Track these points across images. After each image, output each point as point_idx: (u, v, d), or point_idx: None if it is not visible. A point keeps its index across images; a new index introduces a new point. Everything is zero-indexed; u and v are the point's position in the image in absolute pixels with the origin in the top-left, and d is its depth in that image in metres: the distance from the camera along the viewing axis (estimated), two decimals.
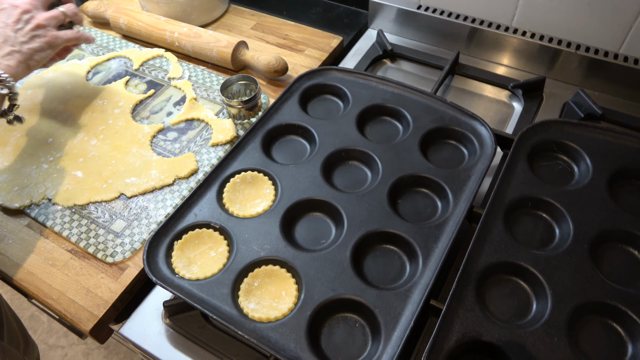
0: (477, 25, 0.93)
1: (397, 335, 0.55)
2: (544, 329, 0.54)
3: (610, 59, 0.84)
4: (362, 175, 0.73)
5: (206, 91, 0.91)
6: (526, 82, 0.87)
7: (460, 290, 0.57)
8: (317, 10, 1.10)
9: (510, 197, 0.66)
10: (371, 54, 0.96)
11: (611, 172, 0.67)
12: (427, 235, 0.63)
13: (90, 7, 1.05)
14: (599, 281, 0.58)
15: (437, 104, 0.78)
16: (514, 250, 0.61)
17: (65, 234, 0.71)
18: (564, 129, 0.72)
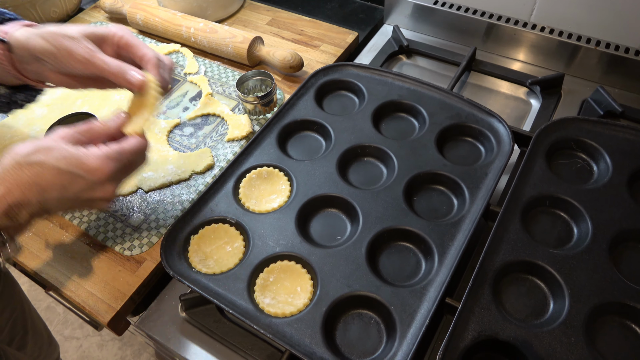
0: (494, 20, 0.92)
1: (413, 333, 0.55)
2: (561, 328, 0.54)
3: (631, 55, 0.83)
4: (377, 171, 0.72)
5: (222, 87, 0.91)
6: (544, 79, 0.85)
7: (477, 289, 0.57)
8: (332, 6, 1.10)
9: (528, 195, 0.65)
10: (387, 50, 0.96)
11: (631, 170, 0.66)
12: (443, 233, 0.63)
13: (108, 3, 1.06)
14: (618, 281, 0.57)
15: (454, 101, 0.77)
16: (531, 249, 0.60)
17: (83, 227, 0.72)
18: (583, 127, 0.71)
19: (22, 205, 0.49)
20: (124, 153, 0.53)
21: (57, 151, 0.50)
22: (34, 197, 0.49)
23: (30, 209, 0.50)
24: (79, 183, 0.50)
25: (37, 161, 0.49)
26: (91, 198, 0.52)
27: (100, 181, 0.51)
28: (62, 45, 0.55)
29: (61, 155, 0.50)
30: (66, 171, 0.50)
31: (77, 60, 0.56)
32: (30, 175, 0.49)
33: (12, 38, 0.57)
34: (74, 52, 0.55)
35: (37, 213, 0.51)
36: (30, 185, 0.49)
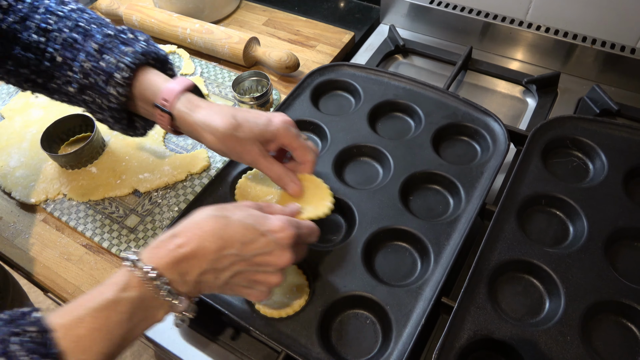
0: (490, 19, 0.92)
1: (408, 333, 0.55)
2: (557, 327, 0.54)
3: (627, 53, 0.83)
4: (373, 171, 0.72)
5: (218, 87, 0.91)
6: (540, 78, 0.85)
7: (472, 288, 0.57)
8: (328, 6, 1.10)
9: (524, 194, 0.65)
10: (383, 50, 0.96)
11: (627, 169, 0.66)
12: (439, 232, 0.63)
13: (104, 4, 1.06)
14: (613, 280, 0.57)
15: (450, 100, 0.77)
16: (527, 248, 0.60)
17: (80, 229, 0.73)
18: (579, 125, 0.71)
19: (196, 257, 0.46)
20: (302, 226, 0.53)
21: (244, 210, 0.51)
22: (211, 250, 0.47)
23: (202, 266, 0.46)
24: (259, 241, 0.49)
25: (224, 215, 0.49)
26: (266, 262, 0.49)
27: (280, 242, 0.49)
28: (232, 148, 0.58)
29: (247, 213, 0.50)
30: (251, 226, 0.49)
31: (243, 160, 0.60)
32: (214, 226, 0.47)
33: (174, 110, 0.59)
34: (242, 156, 0.59)
35: (206, 273, 0.47)
36: (210, 236, 0.47)
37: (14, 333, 0.38)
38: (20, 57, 0.61)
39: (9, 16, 0.60)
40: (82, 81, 0.60)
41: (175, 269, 0.46)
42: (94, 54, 0.59)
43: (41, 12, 0.61)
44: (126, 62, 0.58)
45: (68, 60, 0.60)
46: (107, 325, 0.42)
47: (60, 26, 0.61)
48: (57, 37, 0.60)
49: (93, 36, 0.60)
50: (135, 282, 0.44)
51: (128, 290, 0.44)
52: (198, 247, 0.46)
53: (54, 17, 0.61)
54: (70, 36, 0.60)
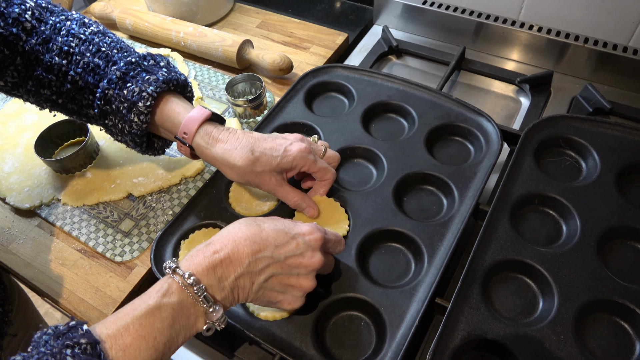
0: (483, 19, 0.92)
1: (402, 334, 0.55)
2: (550, 327, 0.54)
3: (620, 52, 0.83)
4: (367, 172, 0.73)
5: (212, 90, 0.91)
6: (533, 77, 0.86)
7: (466, 288, 0.57)
8: (322, 7, 1.10)
9: (517, 193, 0.65)
10: (377, 51, 0.96)
11: (620, 167, 0.66)
12: (433, 233, 0.63)
13: (97, 9, 1.06)
14: (606, 279, 0.57)
15: (443, 100, 0.77)
16: (520, 248, 0.60)
17: (74, 234, 0.72)
18: (571, 124, 0.71)
19: (232, 261, 0.48)
20: (329, 233, 0.56)
21: (274, 219, 0.54)
22: (246, 253, 0.49)
23: (238, 269, 0.48)
24: (291, 244, 0.51)
25: (255, 223, 0.51)
26: (298, 264, 0.51)
27: (310, 244, 0.52)
28: (251, 180, 0.62)
29: (278, 221, 0.53)
30: (282, 231, 0.52)
31: (262, 188, 0.63)
32: (247, 232, 0.50)
33: (194, 143, 0.61)
34: (260, 186, 0.63)
35: (242, 277, 0.49)
36: (244, 240, 0.49)
37: (68, 346, 0.40)
38: (41, 79, 0.63)
39: (32, 38, 0.61)
40: (104, 107, 0.62)
41: (212, 274, 0.47)
42: (117, 81, 0.61)
43: (63, 35, 0.62)
44: (149, 91, 0.60)
45: (90, 86, 0.62)
46: (152, 333, 0.43)
47: (82, 49, 0.62)
48: (79, 60, 0.62)
49: (116, 63, 0.62)
50: (175, 288, 0.45)
51: (168, 295, 0.45)
52: (233, 251, 0.48)
53: (75, 40, 0.62)
54: (92, 61, 0.62)
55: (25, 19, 0.61)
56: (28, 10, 0.62)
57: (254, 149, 0.60)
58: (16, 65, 0.62)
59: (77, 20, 0.64)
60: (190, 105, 0.63)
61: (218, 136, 0.61)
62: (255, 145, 0.60)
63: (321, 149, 0.66)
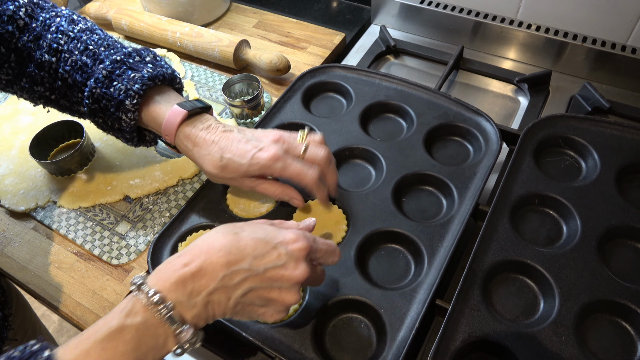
0: (481, 19, 0.92)
1: (403, 336, 0.54)
2: (551, 328, 0.54)
3: (618, 50, 0.83)
4: (365, 173, 0.72)
5: (209, 91, 0.90)
6: (532, 76, 0.85)
7: (466, 290, 0.57)
8: (319, 7, 1.10)
9: (517, 194, 0.65)
10: (374, 50, 0.96)
11: (619, 167, 0.66)
12: (432, 234, 0.62)
13: (93, 9, 1.05)
14: (607, 279, 0.57)
15: (441, 100, 0.77)
16: (520, 248, 0.60)
17: (70, 237, 0.72)
18: (571, 124, 0.71)
19: (204, 274, 0.43)
20: (319, 241, 0.50)
21: (255, 226, 0.49)
22: (220, 266, 0.44)
23: (210, 283, 0.44)
24: (272, 255, 0.46)
25: (233, 231, 0.47)
26: (279, 277, 0.46)
27: (293, 254, 0.47)
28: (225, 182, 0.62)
29: (259, 227, 0.49)
30: (262, 239, 0.46)
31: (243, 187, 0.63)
32: (223, 241, 0.45)
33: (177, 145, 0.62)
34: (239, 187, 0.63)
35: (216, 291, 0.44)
36: (218, 251, 0.45)
37: None
38: (34, 75, 0.63)
39: (24, 35, 0.62)
40: (93, 106, 0.62)
41: (181, 290, 0.43)
42: (103, 80, 0.60)
43: (53, 32, 0.62)
44: (135, 89, 0.60)
45: (78, 84, 0.62)
46: (115, 357, 0.40)
47: (71, 47, 0.62)
48: (68, 58, 0.62)
49: (102, 61, 0.61)
50: (139, 307, 0.42)
51: (132, 315, 0.42)
52: (205, 263, 0.44)
53: (64, 38, 0.62)
54: (80, 59, 0.62)
55: (19, 16, 0.61)
56: (22, 7, 0.62)
57: (223, 154, 0.59)
58: (10, 63, 0.62)
59: (67, 16, 0.64)
60: (174, 99, 0.62)
61: (195, 139, 0.60)
62: (225, 150, 0.59)
63: (299, 149, 0.60)
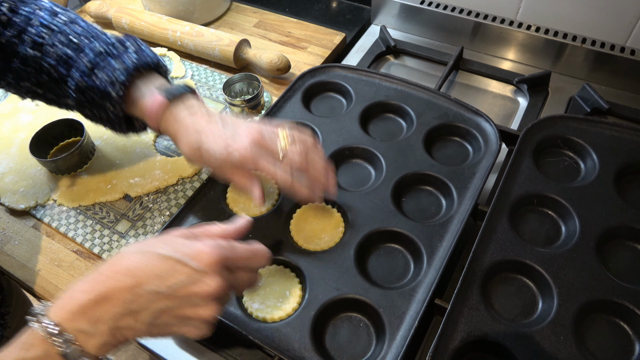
0: (481, 19, 0.92)
1: (402, 335, 0.54)
2: (550, 327, 0.54)
3: (617, 52, 0.83)
4: (365, 173, 0.72)
5: (209, 90, 0.90)
6: (531, 77, 0.86)
7: (465, 289, 0.57)
8: (319, 7, 1.10)
9: (516, 194, 0.65)
10: (374, 50, 0.96)
11: (618, 167, 0.66)
12: (432, 234, 0.63)
13: (93, 7, 1.05)
14: (605, 279, 0.57)
15: (441, 100, 0.77)
16: (519, 248, 0.60)
17: (70, 235, 0.72)
18: (570, 125, 0.71)
19: (106, 301, 0.40)
20: (237, 248, 0.47)
21: (166, 239, 0.46)
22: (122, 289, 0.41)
23: (115, 309, 0.41)
24: (179, 272, 0.43)
25: (140, 250, 0.44)
26: (190, 294, 0.43)
27: (204, 269, 0.43)
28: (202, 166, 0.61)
29: (166, 243, 0.45)
30: (168, 257, 0.43)
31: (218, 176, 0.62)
32: (127, 263, 0.43)
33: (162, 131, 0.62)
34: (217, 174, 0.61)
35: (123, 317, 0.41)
36: (121, 275, 0.42)
37: None
38: (19, 71, 0.63)
39: (7, 30, 0.61)
40: (79, 97, 0.62)
41: (82, 319, 0.40)
42: (87, 72, 0.60)
43: (36, 25, 0.62)
44: (120, 80, 0.59)
45: (64, 77, 0.62)
46: None
47: (55, 41, 0.61)
48: (52, 52, 0.61)
49: (86, 53, 0.61)
50: (38, 339, 0.39)
51: (31, 349, 0.39)
52: (108, 288, 0.41)
53: (47, 31, 0.62)
54: (64, 52, 0.61)
55: (2, 12, 0.61)
56: (4, 2, 0.61)
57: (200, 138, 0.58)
58: None
59: (48, 9, 0.64)
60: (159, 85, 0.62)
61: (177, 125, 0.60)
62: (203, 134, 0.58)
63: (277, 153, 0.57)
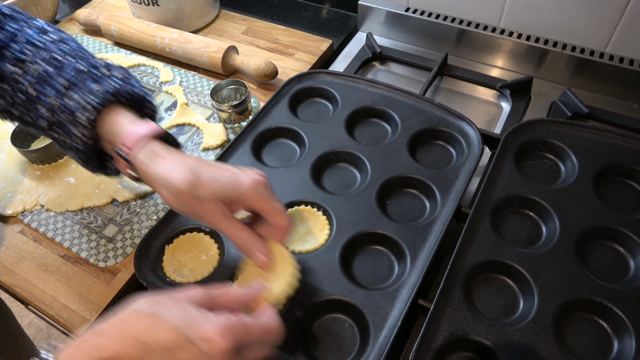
0: (465, 26, 0.94)
1: (385, 335, 0.55)
2: (530, 326, 0.55)
3: (597, 57, 0.85)
4: (351, 176, 0.73)
5: (197, 96, 0.91)
6: (514, 82, 0.87)
7: (448, 290, 0.58)
8: (307, 14, 1.11)
9: (497, 196, 0.66)
10: (361, 57, 0.97)
11: (596, 169, 0.68)
12: (415, 235, 0.64)
13: (82, 15, 1.06)
14: (585, 278, 0.58)
15: (425, 105, 0.78)
16: (501, 249, 0.61)
17: (58, 240, 0.72)
18: (550, 128, 0.73)
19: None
20: (253, 329, 0.43)
21: (177, 307, 0.42)
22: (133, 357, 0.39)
23: None
24: (188, 351, 0.40)
25: (152, 313, 0.42)
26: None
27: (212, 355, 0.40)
28: (190, 207, 0.52)
29: (180, 313, 0.42)
30: (180, 332, 0.40)
31: (203, 221, 0.53)
32: (139, 327, 0.41)
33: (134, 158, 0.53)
34: (201, 216, 0.52)
35: None
36: (133, 340, 0.40)
37: None
38: None
39: None
40: (50, 118, 0.56)
41: None
42: (62, 90, 0.55)
43: (21, 42, 0.57)
44: (92, 103, 0.54)
45: (40, 94, 0.57)
46: None
47: (37, 58, 0.57)
48: (32, 69, 0.57)
49: (64, 71, 0.56)
50: None
51: None
52: (119, 352, 0.39)
53: (31, 48, 0.57)
54: (44, 69, 0.56)
55: None
56: None
57: (199, 171, 0.51)
58: None
59: (38, 27, 0.60)
60: (145, 120, 0.56)
61: (163, 154, 0.53)
62: (202, 168, 0.52)
63: None
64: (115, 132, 0.55)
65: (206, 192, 0.51)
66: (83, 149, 0.56)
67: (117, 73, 0.58)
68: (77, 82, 0.55)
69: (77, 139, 0.55)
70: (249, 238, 0.53)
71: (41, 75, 0.56)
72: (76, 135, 0.55)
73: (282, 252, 0.55)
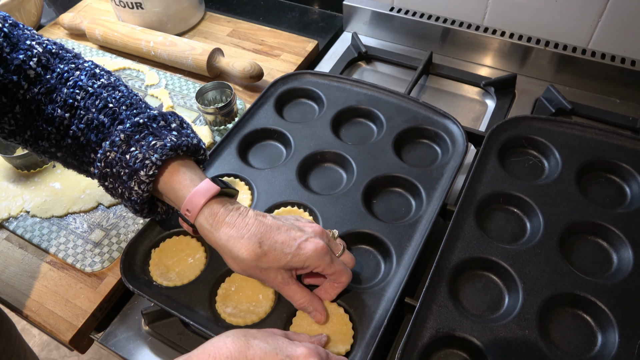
0: (449, 25, 0.94)
1: (372, 334, 0.55)
2: (515, 322, 0.55)
3: (579, 54, 0.86)
4: (337, 176, 0.73)
5: (183, 99, 0.91)
6: (498, 80, 0.88)
7: (434, 287, 0.58)
8: (293, 15, 1.11)
9: (482, 193, 0.67)
10: (347, 57, 0.97)
11: (579, 165, 0.69)
12: (401, 234, 0.64)
13: (66, 19, 1.05)
14: (568, 273, 0.59)
15: (410, 104, 0.79)
16: (485, 246, 0.62)
17: (44, 246, 0.72)
18: (533, 125, 0.73)
19: None
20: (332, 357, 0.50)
21: (267, 335, 0.48)
22: None
23: None
24: None
25: (244, 337, 0.46)
26: None
27: None
28: (254, 275, 0.55)
29: (270, 337, 0.48)
30: (271, 350, 0.45)
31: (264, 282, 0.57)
32: (231, 349, 0.45)
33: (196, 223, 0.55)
34: (264, 281, 0.56)
35: None
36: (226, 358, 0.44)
37: None
38: (41, 130, 0.57)
39: (35, 87, 0.56)
40: (104, 170, 0.56)
41: None
42: (120, 144, 0.55)
43: (70, 86, 0.57)
44: (153, 159, 0.54)
45: (92, 144, 0.57)
46: None
47: (88, 104, 0.57)
48: (83, 115, 0.56)
49: (122, 122, 0.56)
50: None
51: None
52: None
53: (82, 93, 0.57)
54: (97, 118, 0.56)
55: (29, 66, 0.55)
56: (34, 57, 0.56)
57: (262, 240, 0.53)
58: (14, 114, 0.56)
59: (88, 70, 0.59)
60: (200, 174, 0.57)
61: (225, 219, 0.53)
62: (265, 236, 0.53)
63: (340, 248, 0.58)
64: (176, 191, 0.55)
65: (270, 263, 0.53)
66: (138, 200, 0.56)
67: (173, 123, 0.58)
68: (136, 135, 0.55)
69: (134, 193, 0.55)
70: (307, 299, 0.57)
71: (94, 124, 0.56)
72: (133, 188, 0.55)
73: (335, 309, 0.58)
